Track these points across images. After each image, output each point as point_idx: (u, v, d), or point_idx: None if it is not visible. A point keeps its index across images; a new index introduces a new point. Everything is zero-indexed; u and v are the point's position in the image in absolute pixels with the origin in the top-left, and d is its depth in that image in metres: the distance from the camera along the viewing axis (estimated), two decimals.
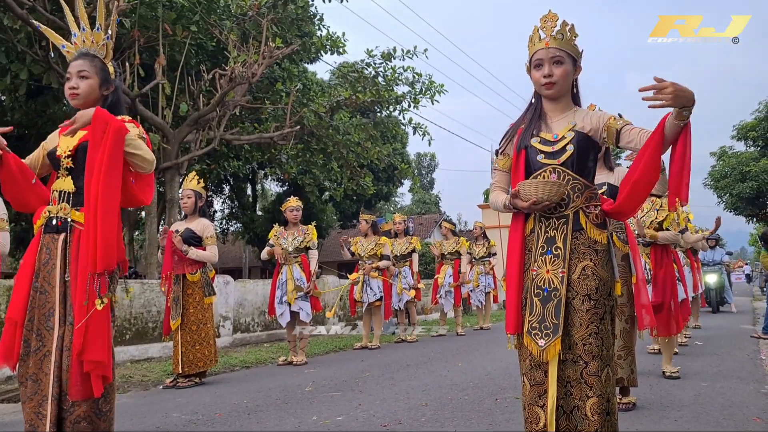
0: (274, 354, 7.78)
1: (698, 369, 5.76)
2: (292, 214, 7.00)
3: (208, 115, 11.72)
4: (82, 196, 2.81)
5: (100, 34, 3.01)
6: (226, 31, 11.85)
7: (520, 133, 2.70)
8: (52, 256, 2.77)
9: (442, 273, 10.10)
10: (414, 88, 14.59)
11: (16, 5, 8.89)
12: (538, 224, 2.59)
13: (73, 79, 2.88)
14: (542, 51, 2.61)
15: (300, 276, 6.77)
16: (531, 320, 2.53)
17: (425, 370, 6.08)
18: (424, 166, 48.53)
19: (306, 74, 18.32)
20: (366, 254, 8.17)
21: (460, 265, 10.11)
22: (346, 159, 15.46)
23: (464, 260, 10.13)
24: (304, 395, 4.85)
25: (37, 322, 2.72)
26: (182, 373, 5.52)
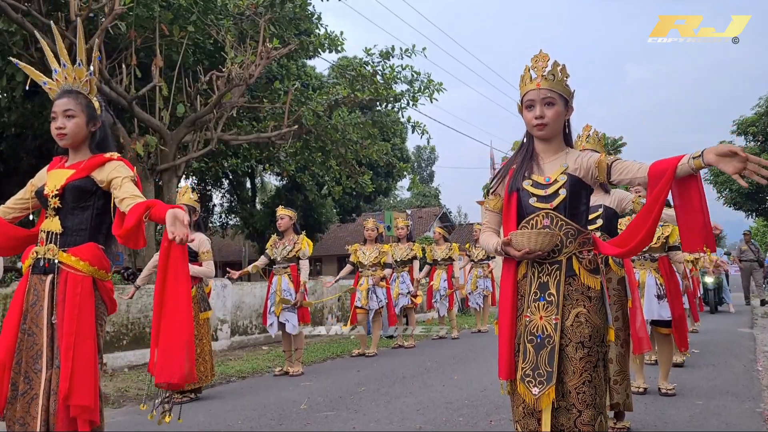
0: (272, 362, 7.77)
1: (694, 383, 5.74)
2: (277, 222, 6.97)
3: (205, 116, 11.66)
4: (70, 237, 2.78)
5: (82, 69, 2.95)
6: (223, 31, 11.77)
7: (511, 174, 2.66)
8: (39, 297, 2.75)
9: (437, 278, 10.10)
10: (413, 87, 14.51)
11: (11, 9, 8.82)
12: (530, 269, 2.56)
13: (59, 119, 2.84)
14: (534, 92, 2.57)
15: (288, 287, 6.72)
16: (524, 367, 2.50)
17: (420, 383, 6.06)
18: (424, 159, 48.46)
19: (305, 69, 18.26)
20: (369, 263, 8.13)
21: (453, 270, 10.11)
22: (344, 157, 15.41)
23: (457, 265, 10.13)
24: (299, 415, 4.83)
25: (25, 365, 2.70)
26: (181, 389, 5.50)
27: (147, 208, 2.57)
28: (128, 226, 2.57)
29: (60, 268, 2.74)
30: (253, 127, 14.76)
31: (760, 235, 40.46)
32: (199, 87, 11.67)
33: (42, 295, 2.74)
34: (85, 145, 2.93)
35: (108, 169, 2.81)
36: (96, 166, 2.83)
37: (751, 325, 11.12)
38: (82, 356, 2.64)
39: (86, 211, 2.83)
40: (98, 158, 2.86)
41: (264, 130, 13.86)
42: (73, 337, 2.64)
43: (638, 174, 2.38)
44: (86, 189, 2.81)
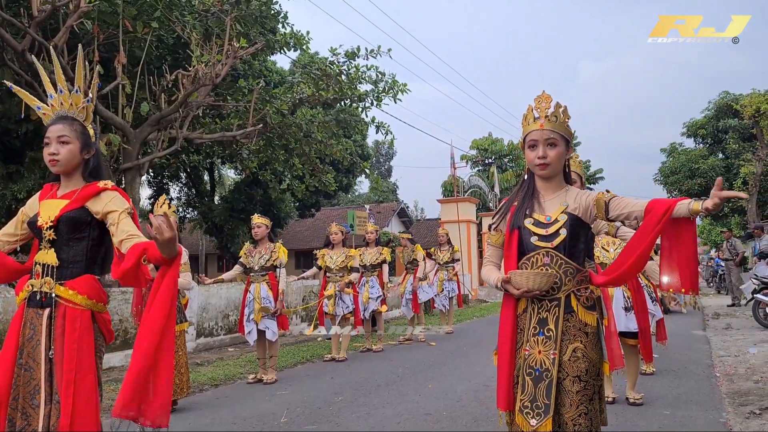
0: (243, 368, 7.75)
1: (658, 392, 5.96)
2: (253, 231, 6.95)
3: (170, 115, 11.48)
4: (66, 270, 2.74)
5: (80, 96, 2.91)
6: (188, 28, 11.59)
7: (513, 211, 2.75)
8: (36, 332, 2.71)
9: (405, 282, 10.26)
10: (377, 87, 14.55)
11: None
12: (530, 305, 2.65)
13: (52, 145, 2.79)
14: (537, 132, 2.65)
15: (267, 295, 6.74)
16: (523, 399, 2.60)
17: (396, 392, 6.15)
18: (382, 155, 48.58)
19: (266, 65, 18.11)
20: (336, 267, 8.16)
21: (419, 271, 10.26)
22: (308, 156, 15.39)
23: (422, 265, 10.27)
24: (281, 428, 4.86)
25: (22, 401, 2.66)
26: None
27: (144, 250, 2.56)
28: (125, 268, 2.56)
29: (58, 302, 2.71)
30: (217, 125, 14.61)
31: (705, 233, 41.87)
32: (164, 85, 11.48)
33: (39, 330, 2.71)
34: (78, 173, 2.89)
35: (104, 200, 2.78)
36: (90, 195, 2.79)
37: (704, 327, 11.55)
38: (83, 392, 2.62)
39: (81, 242, 2.79)
40: (92, 188, 2.82)
41: (228, 128, 13.74)
42: (74, 373, 2.62)
43: (635, 209, 2.50)
44: (81, 220, 2.77)
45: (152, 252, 2.53)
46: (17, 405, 2.65)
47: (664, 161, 29.52)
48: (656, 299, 6.09)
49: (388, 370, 7.46)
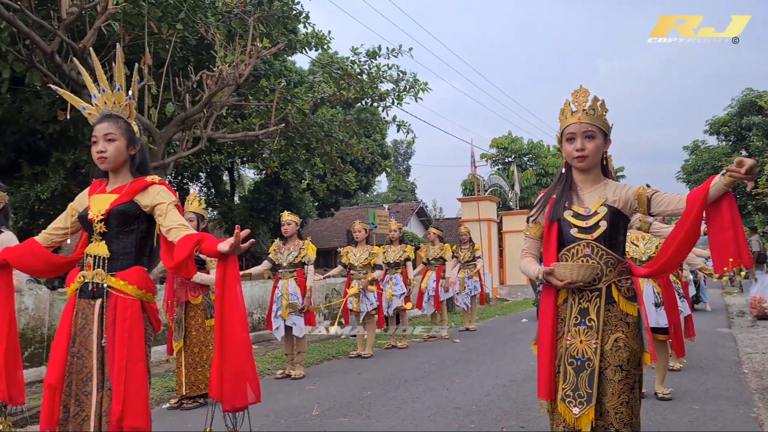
0: (270, 364, 7.84)
1: (687, 388, 5.96)
2: (283, 228, 7.03)
3: (195, 115, 11.61)
4: (117, 261, 2.83)
5: (122, 94, 2.99)
6: (212, 29, 11.72)
7: (552, 204, 2.79)
8: (88, 321, 2.80)
9: (426, 278, 10.28)
10: (398, 86, 14.61)
11: (4, 8, 8.69)
12: (571, 295, 2.69)
13: (99, 143, 2.88)
14: (575, 125, 2.69)
15: (295, 291, 6.82)
16: (565, 388, 2.64)
17: (424, 387, 6.20)
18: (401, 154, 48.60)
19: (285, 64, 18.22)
20: (359, 264, 8.22)
21: (444, 270, 10.27)
22: (329, 155, 15.48)
23: (449, 266, 10.28)
24: (313, 422, 4.93)
25: (75, 387, 2.75)
26: (186, 395, 5.56)
27: (198, 242, 2.64)
28: (179, 259, 2.64)
29: (109, 293, 2.80)
30: (239, 124, 14.73)
31: None
32: (189, 85, 11.62)
33: (91, 319, 2.80)
34: (125, 169, 2.97)
35: (152, 194, 2.87)
36: (139, 190, 2.88)
37: (729, 325, 11.47)
38: (134, 379, 2.71)
39: (131, 235, 2.88)
40: (141, 182, 2.91)
41: (250, 127, 13.85)
42: (125, 361, 2.71)
43: (679, 206, 2.51)
44: (131, 213, 2.86)
45: (207, 245, 2.61)
46: (71, 392, 2.75)
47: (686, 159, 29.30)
48: (684, 296, 6.10)
49: (414, 366, 7.51)
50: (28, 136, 14.21)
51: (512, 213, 25.03)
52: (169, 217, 2.78)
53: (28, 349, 7.07)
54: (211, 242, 2.62)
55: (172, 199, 2.86)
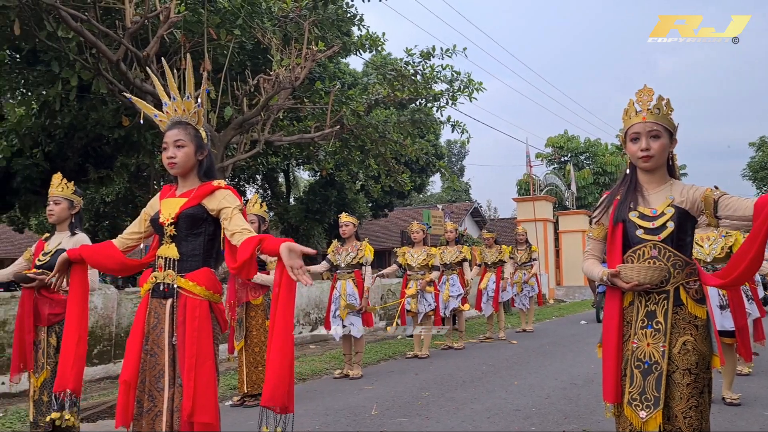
0: (327, 363, 7.94)
1: (756, 393, 5.77)
2: (341, 229, 7.11)
3: (252, 118, 11.85)
4: (186, 263, 2.93)
5: (191, 102, 3.09)
6: (269, 35, 11.93)
7: (616, 205, 2.75)
8: (160, 320, 2.90)
9: (485, 280, 10.23)
10: (452, 86, 14.57)
11: (71, 19, 9.06)
12: (637, 298, 2.65)
13: (170, 149, 2.98)
14: (639, 125, 2.65)
15: (353, 292, 6.89)
16: (631, 391, 2.60)
17: (482, 388, 6.17)
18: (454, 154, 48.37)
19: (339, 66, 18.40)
20: (417, 265, 8.24)
21: (503, 271, 10.22)
22: (384, 156, 15.56)
23: (507, 267, 10.23)
24: (373, 421, 4.98)
25: (149, 384, 2.86)
26: (248, 393, 5.69)
27: (259, 242, 2.70)
28: (241, 261, 2.71)
29: (179, 293, 2.90)
30: (295, 127, 14.95)
31: None
32: (246, 89, 11.86)
33: (162, 318, 2.90)
34: (194, 173, 3.07)
35: (218, 198, 2.95)
36: (206, 194, 2.97)
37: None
38: (203, 376, 2.80)
39: (199, 237, 2.97)
40: (208, 186, 3.00)
41: (306, 130, 14.04)
42: (194, 359, 2.80)
43: (746, 212, 2.42)
44: (199, 216, 2.95)
45: (268, 245, 2.67)
46: (144, 388, 2.86)
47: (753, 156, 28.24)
48: (753, 298, 5.89)
49: (471, 367, 7.49)
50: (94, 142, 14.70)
51: (569, 213, 24.65)
52: (233, 221, 2.86)
53: (97, 347, 7.34)
54: (272, 242, 2.68)
55: (237, 204, 2.94)
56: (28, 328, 3.95)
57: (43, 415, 3.81)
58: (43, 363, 3.90)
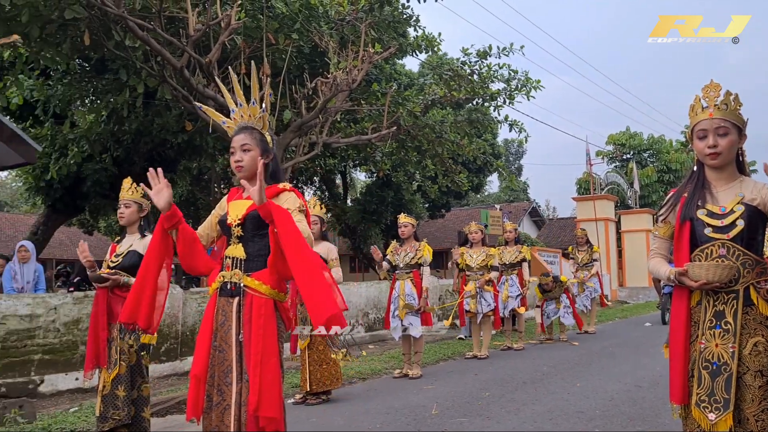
0: (387, 363, 7.99)
1: None
2: (400, 230, 7.14)
3: (310, 121, 12.02)
4: (252, 263, 3.02)
5: (256, 107, 3.18)
6: (326, 38, 12.08)
7: (683, 203, 2.70)
8: (227, 318, 3.00)
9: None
10: (509, 85, 14.45)
11: (138, 28, 9.40)
12: (705, 297, 2.59)
13: (237, 153, 3.08)
14: (706, 121, 2.60)
15: (411, 292, 6.92)
16: (699, 393, 2.54)
17: (543, 390, 6.11)
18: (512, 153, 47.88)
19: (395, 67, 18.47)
20: (476, 265, 8.22)
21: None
22: (441, 156, 15.55)
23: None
24: (433, 420, 5.00)
25: (218, 379, 2.96)
26: (310, 391, 5.79)
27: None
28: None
29: (245, 292, 2.99)
30: (352, 129, 15.11)
31: None
32: (304, 93, 12.05)
33: (230, 316, 3.00)
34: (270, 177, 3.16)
35: (282, 200, 3.03)
36: (272, 196, 3.05)
37: None
38: (268, 372, 2.88)
39: (265, 238, 3.05)
40: (273, 189, 3.08)
41: (363, 131, 14.16)
42: (260, 355, 2.88)
43: None
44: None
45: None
46: (213, 382, 2.96)
47: None
48: None
49: (531, 368, 7.42)
50: (159, 146, 15.21)
51: (631, 212, 24.07)
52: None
53: (164, 345, 7.60)
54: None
55: (296, 206, 3.01)
56: (102, 326, 4.12)
57: (117, 408, 3.97)
58: (116, 359, 4.07)
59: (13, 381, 6.15)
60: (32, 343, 6.40)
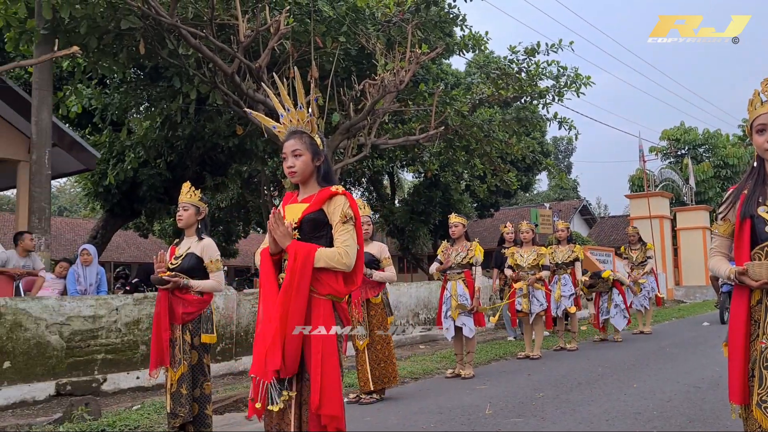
0: (438, 363, 8.00)
1: None
2: (451, 230, 7.15)
3: (359, 123, 12.12)
4: None
5: (303, 112, 3.23)
6: (373, 40, 12.16)
7: (743, 200, 2.65)
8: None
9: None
10: (558, 82, 14.28)
11: (191, 36, 9.66)
12: (766, 296, 2.54)
13: (289, 159, 3.14)
14: (765, 116, 2.54)
15: (463, 292, 6.91)
16: (761, 393, 2.49)
17: (599, 391, 6.03)
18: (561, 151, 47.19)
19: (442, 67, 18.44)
20: (527, 265, 8.16)
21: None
22: (489, 155, 15.48)
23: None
24: (487, 420, 4.99)
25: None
26: (372, 389, 5.83)
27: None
28: None
29: None
30: (399, 129, 15.16)
31: None
32: (352, 95, 12.15)
33: None
34: (313, 180, 3.22)
35: (333, 204, 3.09)
36: (325, 199, 3.11)
37: None
38: (329, 372, 2.93)
39: (321, 240, 3.11)
40: (326, 192, 3.13)
41: (410, 132, 14.20)
42: (320, 355, 2.94)
43: None
44: (320, 220, 3.10)
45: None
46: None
47: None
48: None
49: (586, 369, 7.33)
50: (211, 151, 15.57)
51: (687, 209, 23.45)
52: (336, 235, 3.02)
53: (219, 345, 7.78)
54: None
55: (343, 214, 3.05)
56: (164, 326, 4.26)
57: (182, 406, 4.11)
58: (180, 358, 4.20)
59: (77, 379, 6.40)
60: (95, 343, 6.64)
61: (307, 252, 2.93)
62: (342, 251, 2.97)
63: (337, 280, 3.09)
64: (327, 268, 2.98)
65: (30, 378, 6.09)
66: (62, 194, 49.09)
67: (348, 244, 3.00)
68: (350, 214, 3.08)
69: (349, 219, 3.07)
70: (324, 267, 2.93)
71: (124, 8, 9.39)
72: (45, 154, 9.19)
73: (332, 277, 3.09)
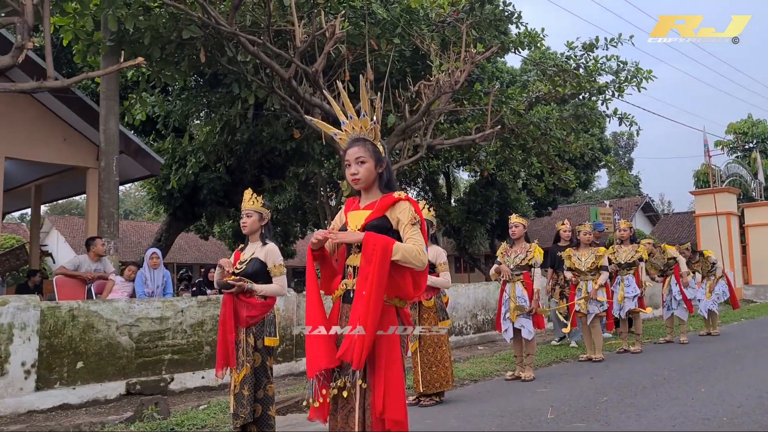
0: (497, 365, 7.95)
1: None
2: (511, 231, 7.07)
3: (414, 124, 12.13)
4: None
5: (366, 119, 3.26)
6: (427, 41, 12.15)
7: None
8: (350, 323, 3.11)
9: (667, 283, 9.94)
10: (618, 77, 13.96)
11: (249, 43, 9.87)
12: None
13: (352, 166, 3.17)
14: None
15: (522, 294, 6.84)
16: None
17: (665, 395, 5.88)
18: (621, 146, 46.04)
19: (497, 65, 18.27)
20: (585, 268, 8.01)
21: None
22: (546, 154, 15.26)
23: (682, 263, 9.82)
24: (549, 424, 4.93)
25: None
26: (423, 393, 5.86)
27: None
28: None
29: None
30: (455, 129, 15.10)
31: None
32: (407, 96, 12.17)
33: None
34: (376, 186, 3.24)
35: (397, 210, 3.11)
36: (388, 206, 3.13)
37: None
38: (392, 377, 2.96)
39: None
40: (389, 198, 3.15)
41: (466, 132, 14.13)
42: (383, 360, 2.97)
43: None
44: (383, 227, 3.11)
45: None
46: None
47: None
48: None
49: (651, 372, 7.15)
50: (268, 154, 15.84)
51: (756, 205, 22.57)
52: (406, 237, 3.02)
53: (280, 346, 7.91)
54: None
55: (409, 218, 3.07)
56: (229, 329, 4.38)
57: (244, 407, 4.21)
58: (243, 360, 4.31)
59: (146, 379, 6.63)
60: (162, 344, 6.86)
61: (386, 242, 2.94)
62: (419, 248, 2.99)
63: (405, 281, 3.10)
64: (400, 264, 3.01)
65: (102, 377, 6.34)
66: (127, 198, 50.88)
67: (422, 243, 3.02)
68: (417, 218, 3.11)
69: (417, 222, 3.09)
70: (400, 260, 2.93)
71: (186, 18, 9.67)
72: (113, 161, 9.55)
73: (401, 277, 3.11)
